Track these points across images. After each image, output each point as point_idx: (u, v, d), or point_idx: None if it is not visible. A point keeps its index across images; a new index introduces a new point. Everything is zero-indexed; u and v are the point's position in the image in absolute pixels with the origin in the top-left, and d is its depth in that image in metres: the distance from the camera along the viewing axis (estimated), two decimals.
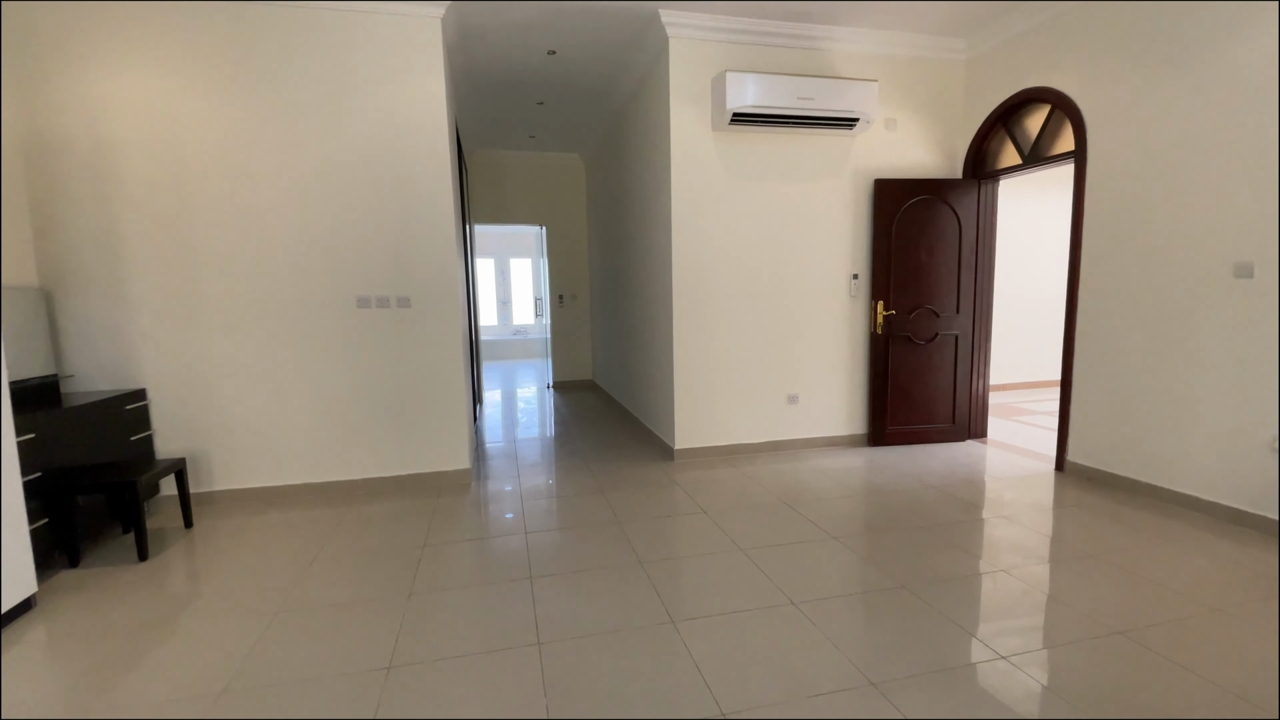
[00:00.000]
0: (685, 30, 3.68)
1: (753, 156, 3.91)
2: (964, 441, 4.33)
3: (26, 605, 2.21)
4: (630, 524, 2.93)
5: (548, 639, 1.96)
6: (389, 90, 3.31)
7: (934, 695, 1.63)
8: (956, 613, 2.06)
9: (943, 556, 2.50)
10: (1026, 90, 3.70)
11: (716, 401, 4.06)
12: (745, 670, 1.77)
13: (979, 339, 4.29)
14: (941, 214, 4.11)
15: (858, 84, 3.74)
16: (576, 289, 7.40)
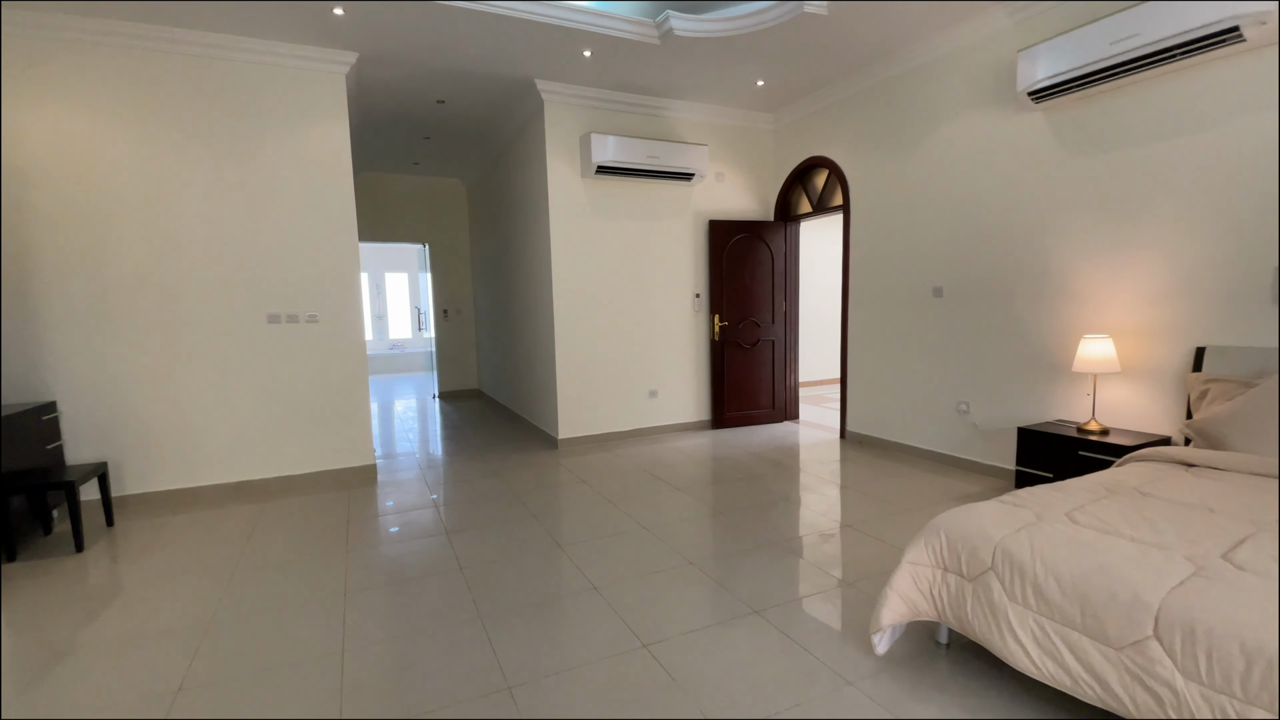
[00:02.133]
0: (558, 96, 4.53)
1: (615, 199, 4.85)
2: (782, 422, 5.57)
3: None
4: (523, 494, 3.68)
5: (467, 567, 2.67)
6: (299, 130, 3.80)
7: (742, 565, 2.59)
8: (754, 524, 3.06)
9: (751, 494, 3.53)
10: (813, 157, 5.00)
11: (592, 398, 4.91)
12: (612, 565, 2.62)
13: (789, 343, 5.56)
14: (759, 247, 5.32)
15: (693, 147, 4.82)
16: (460, 304, 7.92)
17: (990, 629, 1.66)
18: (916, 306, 4.20)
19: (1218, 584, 1.38)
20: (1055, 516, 1.82)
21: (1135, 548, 1.58)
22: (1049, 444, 3.04)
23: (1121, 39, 2.76)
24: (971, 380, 3.85)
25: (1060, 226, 3.31)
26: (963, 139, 3.78)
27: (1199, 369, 2.75)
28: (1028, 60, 3.14)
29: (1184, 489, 2.04)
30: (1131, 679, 1.36)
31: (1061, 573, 1.54)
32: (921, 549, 1.87)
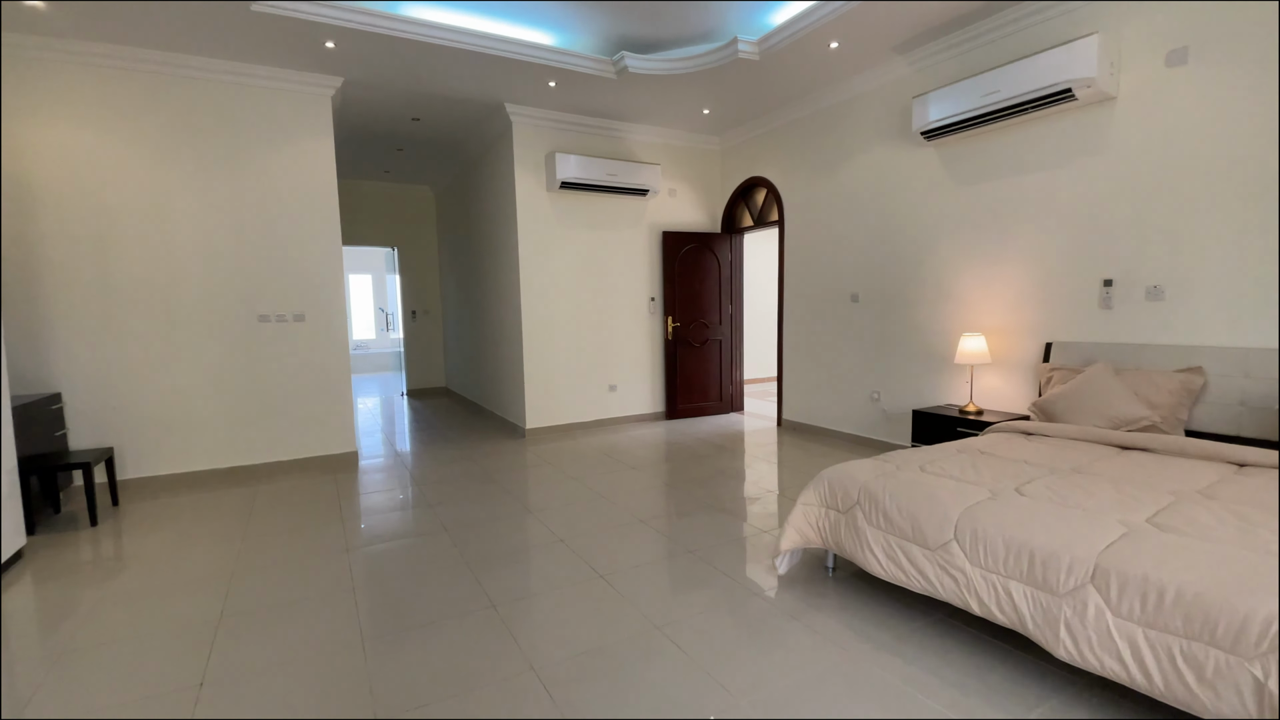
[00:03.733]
0: (525, 118, 5.01)
1: (578, 211, 5.35)
2: (729, 413, 6.16)
3: (18, 556, 2.83)
4: (494, 473, 4.14)
5: (450, 529, 3.12)
6: (287, 145, 4.18)
7: (682, 522, 3.12)
8: (696, 492, 3.60)
9: (695, 470, 4.08)
10: (754, 177, 5.61)
11: (556, 391, 5.39)
12: (574, 524, 3.11)
13: (735, 342, 6.16)
14: (707, 256, 5.90)
15: (648, 166, 5.36)
16: (428, 305, 8.27)
17: (856, 547, 2.23)
18: (839, 310, 4.83)
19: (1000, 503, 1.97)
20: (910, 467, 2.41)
21: (955, 484, 2.17)
22: (937, 423, 3.68)
23: (989, 93, 3.43)
24: (882, 373, 4.50)
25: (947, 243, 3.98)
26: (873, 167, 4.43)
27: (1047, 360, 3.42)
28: (920, 105, 3.79)
29: (1014, 449, 2.67)
30: (940, 569, 1.95)
31: (902, 502, 2.12)
32: (811, 492, 2.44)
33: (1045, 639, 1.67)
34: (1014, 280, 3.64)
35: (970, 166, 3.81)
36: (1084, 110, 3.25)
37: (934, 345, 4.12)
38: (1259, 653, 1.33)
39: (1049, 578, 1.68)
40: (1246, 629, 1.35)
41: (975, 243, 3.83)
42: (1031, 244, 3.54)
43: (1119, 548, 1.63)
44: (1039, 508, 1.90)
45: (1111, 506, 1.91)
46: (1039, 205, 3.49)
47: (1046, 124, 3.42)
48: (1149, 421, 2.78)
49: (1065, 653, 1.62)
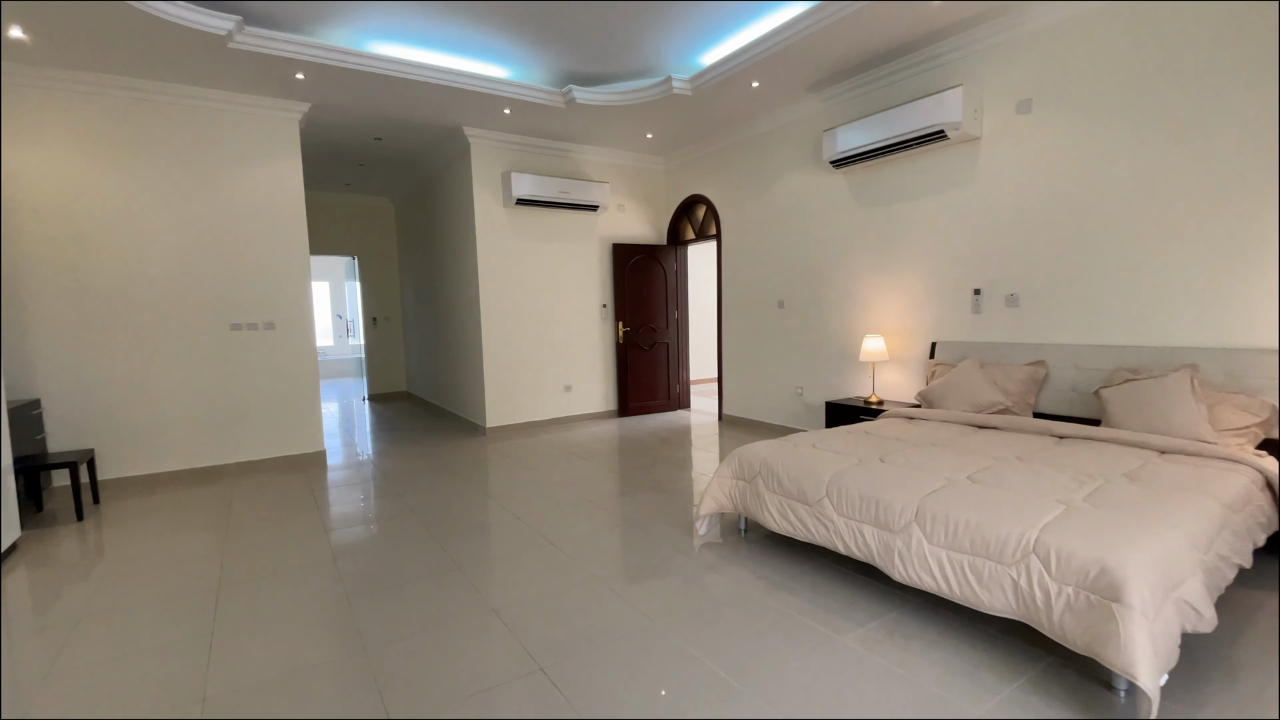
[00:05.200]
0: (482, 140, 5.42)
1: (533, 225, 5.78)
2: (676, 410, 6.67)
3: (13, 548, 3.09)
4: (457, 467, 4.53)
5: (418, 512, 3.51)
6: (258, 165, 4.48)
7: (625, 500, 3.58)
8: (640, 477, 4.08)
9: (641, 459, 4.56)
10: (695, 195, 6.15)
11: (515, 392, 5.79)
12: (530, 505, 3.55)
13: (681, 345, 6.69)
14: (654, 266, 6.42)
15: (598, 184, 5.84)
16: (389, 311, 8.53)
17: (758, 509, 2.74)
18: (768, 316, 5.40)
19: (862, 468, 2.51)
20: (803, 445, 2.94)
21: (834, 456, 2.71)
22: (846, 412, 4.26)
23: (881, 132, 4.03)
24: (804, 370, 5.08)
25: (854, 256, 4.58)
26: (794, 189, 5.02)
27: (933, 356, 4.04)
28: (829, 138, 4.38)
29: (894, 430, 3.24)
30: (816, 520, 2.47)
31: (791, 471, 2.65)
32: (725, 467, 2.95)
33: (886, 565, 2.21)
34: (907, 289, 4.26)
35: (871, 191, 4.42)
36: (956, 148, 3.88)
37: (845, 345, 4.72)
38: (1015, 560, 1.89)
39: (889, 519, 2.22)
40: (1007, 546, 1.91)
41: (876, 256, 4.44)
42: (920, 258, 4.16)
43: (936, 495, 2.18)
44: (890, 471, 2.45)
45: (945, 468, 2.47)
46: (925, 225, 4.11)
47: (929, 158, 4.05)
48: (1003, 405, 3.39)
49: (899, 574, 2.16)
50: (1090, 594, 1.70)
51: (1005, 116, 3.64)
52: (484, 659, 2.02)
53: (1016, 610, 1.87)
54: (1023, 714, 1.69)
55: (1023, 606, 1.85)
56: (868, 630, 2.13)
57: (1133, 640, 1.58)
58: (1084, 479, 2.27)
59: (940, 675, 1.87)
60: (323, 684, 1.91)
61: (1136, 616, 1.60)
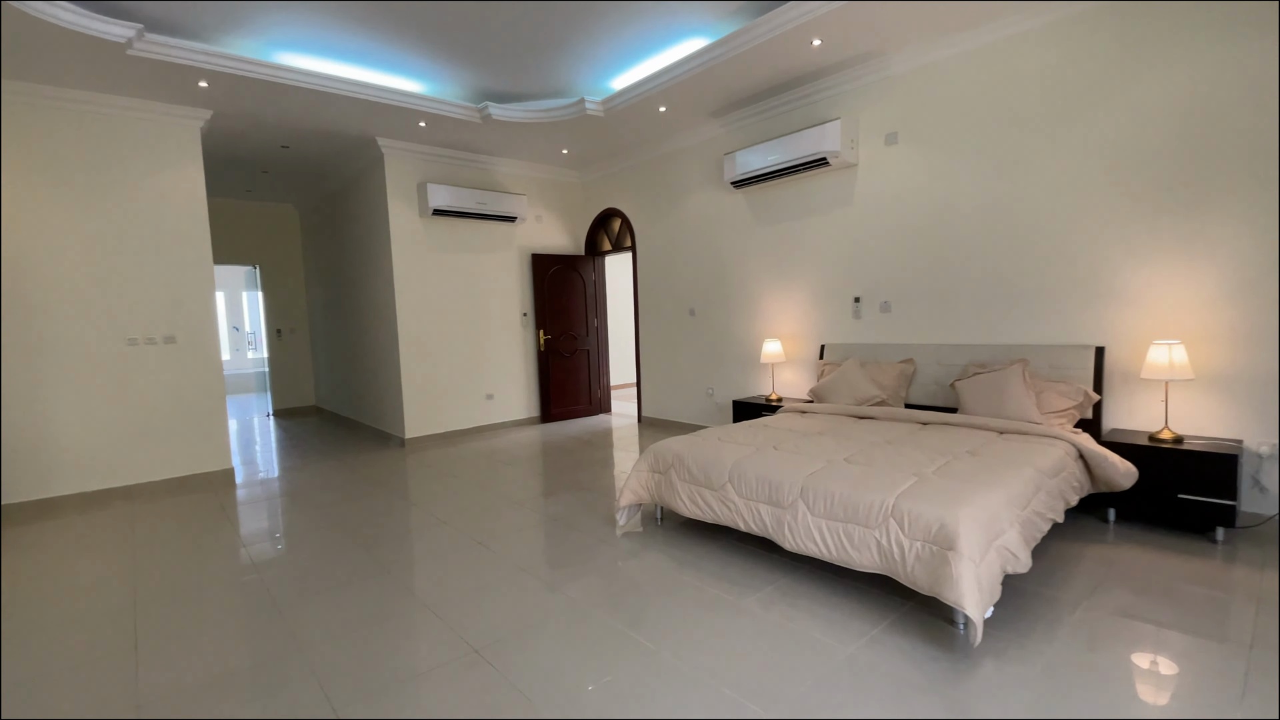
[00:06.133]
0: (397, 150, 5.43)
1: (451, 235, 5.84)
2: (598, 414, 6.91)
3: None
4: (378, 478, 4.53)
5: (341, 523, 3.53)
6: (157, 173, 4.30)
7: (548, 499, 3.77)
8: (562, 478, 4.27)
9: (564, 462, 4.75)
10: (610, 208, 6.44)
11: (435, 402, 5.81)
12: (454, 510, 3.66)
13: (601, 351, 6.94)
14: (573, 276, 6.64)
15: (516, 196, 5.99)
16: (295, 323, 8.21)
17: (672, 497, 3.03)
18: (681, 322, 5.77)
19: (759, 455, 2.86)
20: (710, 439, 3.27)
21: (736, 446, 3.05)
22: (750, 409, 4.66)
23: (774, 156, 4.48)
24: (714, 372, 5.48)
25: (754, 268, 5.03)
26: (701, 206, 5.42)
27: (822, 357, 4.53)
28: (729, 161, 4.79)
29: (788, 422, 3.64)
30: (721, 503, 2.79)
31: (700, 461, 2.96)
32: (642, 461, 3.23)
33: (779, 537, 2.55)
34: (800, 297, 4.74)
35: (767, 210, 4.88)
36: (837, 173, 4.40)
37: (748, 349, 5.15)
38: (878, 524, 2.27)
39: (780, 497, 2.57)
40: (871, 512, 2.29)
41: (773, 268, 4.90)
42: (810, 270, 4.65)
43: (817, 474, 2.56)
44: (782, 457, 2.82)
45: (827, 453, 2.87)
46: (813, 241, 4.60)
47: (815, 181, 4.55)
48: (880, 398, 3.89)
49: (790, 544, 2.51)
50: (933, 546, 2.10)
51: (876, 147, 4.18)
52: (422, 648, 2.16)
53: (880, 565, 2.25)
54: (886, 650, 2.06)
55: (885, 561, 2.24)
56: (764, 594, 2.46)
57: (963, 579, 1.98)
58: (936, 456, 2.73)
59: (822, 625, 2.22)
60: (262, 682, 1.99)
61: (965, 561, 2.01)
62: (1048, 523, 2.55)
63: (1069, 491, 2.81)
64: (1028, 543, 2.34)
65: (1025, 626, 2.17)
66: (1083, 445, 2.96)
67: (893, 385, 3.92)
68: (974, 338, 3.82)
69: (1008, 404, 3.29)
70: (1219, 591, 2.37)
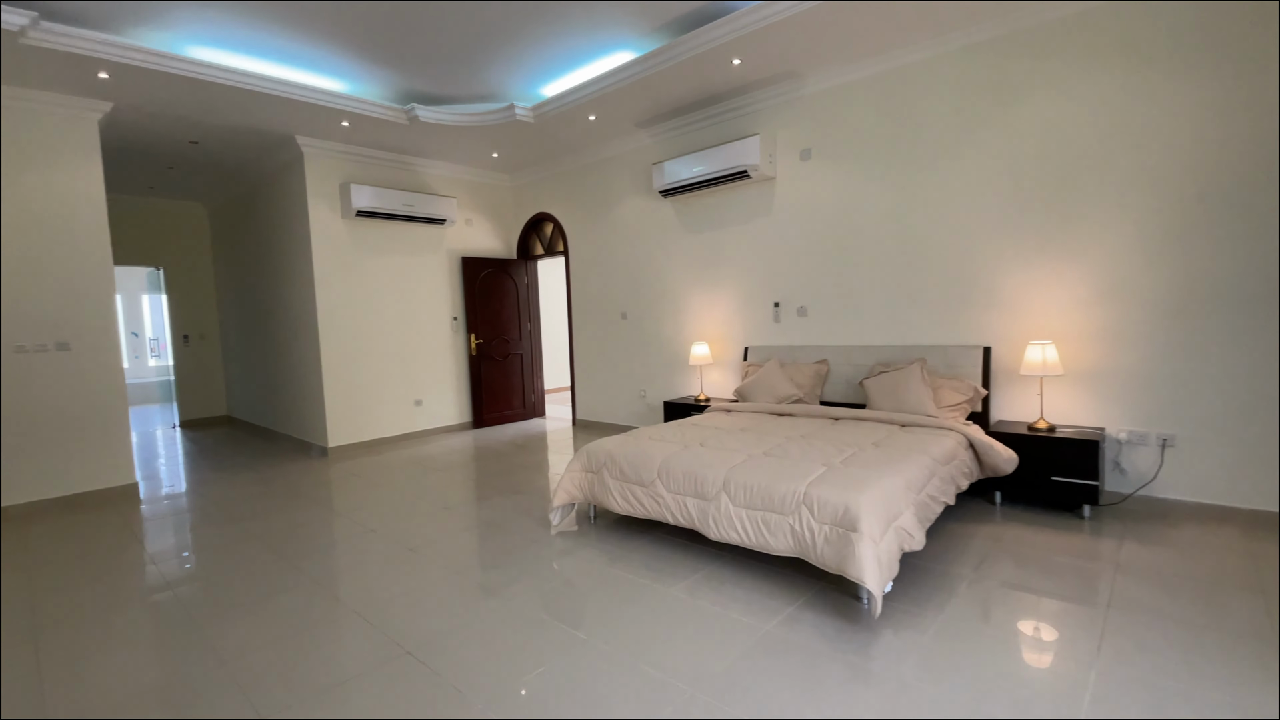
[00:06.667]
0: (318, 150, 5.27)
1: (376, 238, 5.71)
2: (532, 419, 6.92)
3: None
4: (300, 489, 4.38)
5: (263, 536, 3.41)
6: (52, 168, 3.99)
7: (482, 504, 3.77)
8: (496, 482, 4.29)
9: (497, 466, 4.76)
10: (542, 212, 6.48)
11: (360, 409, 5.65)
12: (383, 519, 3.61)
13: (535, 355, 6.96)
14: (505, 280, 6.63)
15: (445, 198, 5.93)
16: (204, 328, 7.73)
17: (605, 495, 3.14)
18: (614, 326, 5.89)
19: (686, 452, 3.01)
20: (641, 437, 3.40)
21: (664, 444, 3.19)
22: (680, 409, 4.84)
23: (699, 168, 4.68)
24: (646, 374, 5.63)
25: (683, 274, 5.22)
26: (631, 213, 5.57)
27: (746, 359, 4.77)
28: (657, 171, 4.96)
29: (714, 420, 3.83)
30: (650, 498, 2.92)
31: (631, 459, 3.08)
32: (575, 461, 3.32)
33: (704, 528, 2.70)
34: (725, 302, 4.97)
35: (694, 219, 5.09)
36: (758, 185, 4.65)
37: (678, 352, 5.34)
38: (791, 510, 2.46)
39: (705, 490, 2.73)
40: (785, 500, 2.48)
41: (700, 274, 5.11)
42: (734, 276, 4.89)
43: (739, 467, 2.73)
44: (707, 452, 2.98)
45: (748, 447, 3.05)
46: (737, 249, 4.84)
47: (739, 192, 4.79)
48: (798, 396, 4.15)
49: (714, 534, 2.67)
50: (839, 528, 2.31)
51: (792, 161, 4.45)
52: (352, 652, 2.16)
53: (794, 549, 2.45)
54: (800, 625, 2.24)
55: (799, 545, 2.43)
56: (691, 582, 2.60)
57: (864, 557, 2.19)
58: (844, 448, 2.97)
59: (743, 606, 2.38)
60: (182, 695, 1.93)
61: (866, 541, 2.22)
62: (941, 505, 2.83)
63: (960, 477, 3.12)
64: (922, 523, 2.59)
65: (921, 598, 2.41)
66: (972, 435, 3.29)
67: (809, 384, 4.19)
68: (880, 339, 4.14)
69: (908, 399, 3.60)
70: (1085, 561, 2.71)
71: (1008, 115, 3.54)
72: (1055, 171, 3.41)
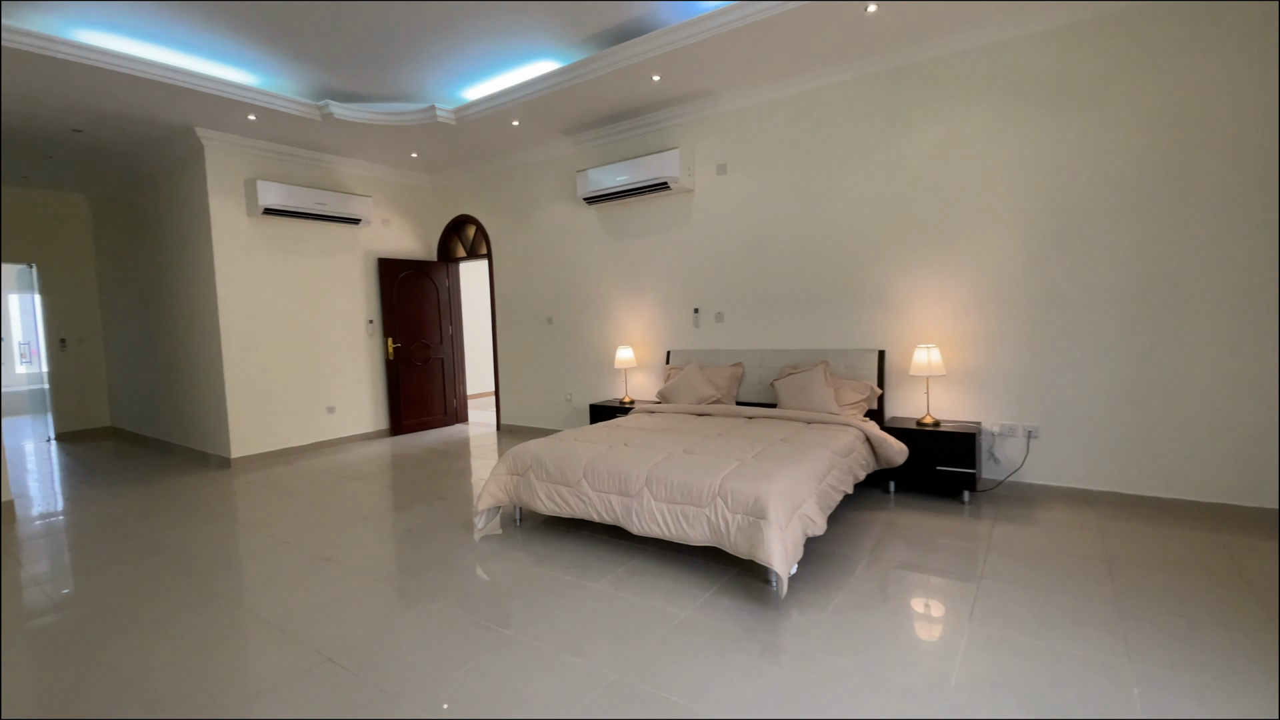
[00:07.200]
0: (221, 143, 4.98)
1: (286, 237, 5.46)
2: (454, 424, 6.81)
3: None
4: (203, 503, 4.13)
5: (163, 551, 3.21)
6: None
7: (402, 511, 3.71)
8: (417, 490, 4.22)
9: (418, 473, 4.68)
10: (464, 214, 6.41)
11: (267, 417, 5.37)
12: (296, 530, 3.49)
13: (457, 360, 6.86)
14: (425, 282, 6.50)
15: (360, 198, 5.76)
16: (85, 331, 7.05)
17: (531, 497, 3.20)
18: (539, 330, 5.93)
19: (611, 451, 3.13)
20: (567, 439, 3.48)
21: (590, 445, 3.30)
22: (606, 411, 4.96)
23: (622, 177, 4.83)
24: (572, 378, 5.71)
25: (608, 279, 5.35)
26: (557, 218, 5.64)
27: (669, 362, 4.96)
28: (582, 178, 5.07)
29: (638, 422, 3.97)
30: (576, 498, 3.02)
31: (557, 460, 3.16)
32: (501, 464, 3.36)
33: (627, 523, 2.83)
34: (648, 307, 5.14)
35: (618, 226, 5.24)
36: (678, 196, 4.86)
37: (604, 355, 5.46)
38: (708, 502, 2.63)
39: (628, 487, 2.85)
40: (702, 493, 2.65)
41: (624, 280, 5.26)
42: (657, 282, 5.07)
43: (660, 464, 2.88)
44: (631, 451, 3.11)
45: (669, 446, 3.21)
46: (660, 256, 5.03)
47: (661, 202, 4.98)
48: (716, 397, 4.38)
49: (637, 528, 2.80)
50: (750, 517, 2.50)
51: (709, 175, 4.69)
52: (270, 663, 2.12)
53: (711, 538, 2.62)
54: (715, 609, 2.41)
55: (714, 535, 2.60)
56: (615, 575, 2.72)
57: (772, 543, 2.39)
58: (756, 444, 3.19)
59: (664, 595, 2.53)
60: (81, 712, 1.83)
61: (774, 527, 2.42)
62: (840, 494, 3.10)
63: (858, 468, 3.42)
64: (824, 510, 2.84)
65: (824, 579, 2.65)
66: (868, 431, 3.61)
67: (726, 386, 4.43)
68: (789, 343, 4.44)
69: (813, 399, 3.89)
70: (964, 541, 3.05)
71: (900, 139, 3.92)
72: (940, 191, 3.81)
